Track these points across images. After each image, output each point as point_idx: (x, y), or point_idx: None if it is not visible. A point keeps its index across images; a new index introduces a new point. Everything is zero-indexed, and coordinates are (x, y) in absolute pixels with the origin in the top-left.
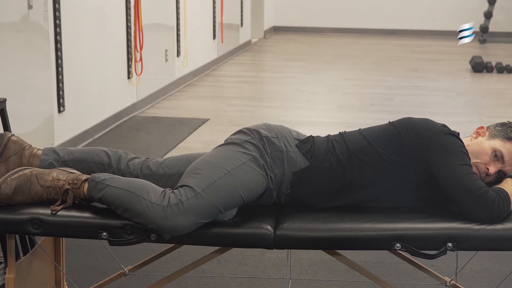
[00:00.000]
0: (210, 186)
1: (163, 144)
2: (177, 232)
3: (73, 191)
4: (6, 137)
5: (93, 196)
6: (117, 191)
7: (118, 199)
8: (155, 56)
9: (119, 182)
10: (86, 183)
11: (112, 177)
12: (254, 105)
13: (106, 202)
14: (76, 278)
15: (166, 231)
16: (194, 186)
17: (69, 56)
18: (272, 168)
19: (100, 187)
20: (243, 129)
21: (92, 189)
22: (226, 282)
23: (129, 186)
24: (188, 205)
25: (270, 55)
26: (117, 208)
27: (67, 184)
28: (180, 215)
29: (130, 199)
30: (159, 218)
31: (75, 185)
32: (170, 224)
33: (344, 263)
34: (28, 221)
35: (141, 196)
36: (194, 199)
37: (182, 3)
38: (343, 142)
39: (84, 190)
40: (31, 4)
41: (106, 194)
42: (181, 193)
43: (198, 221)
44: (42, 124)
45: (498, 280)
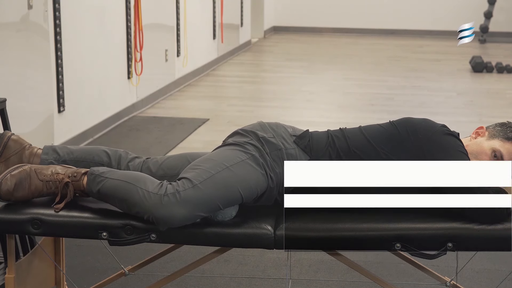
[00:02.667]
0: (208, 179)
1: (163, 144)
2: (172, 222)
3: (73, 183)
4: (6, 136)
5: (91, 189)
6: (115, 182)
7: (116, 190)
8: (155, 56)
9: (117, 175)
10: (85, 176)
11: (111, 170)
12: (254, 105)
13: (104, 195)
14: (76, 278)
15: (162, 220)
16: (192, 178)
17: (69, 56)
18: (273, 168)
19: (99, 180)
20: (238, 131)
21: (91, 182)
22: (226, 282)
23: (126, 178)
24: (184, 195)
25: (270, 55)
26: (114, 200)
27: (67, 177)
28: (177, 204)
29: (128, 189)
30: (155, 207)
31: (75, 178)
32: (166, 213)
33: (344, 263)
34: (28, 221)
35: (138, 186)
36: (191, 190)
37: (182, 3)
38: (343, 138)
39: (83, 183)
40: (31, 4)
41: (104, 186)
42: (179, 184)
43: (195, 214)
44: (42, 124)
45: (498, 280)
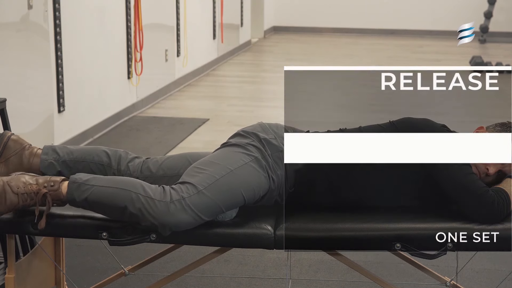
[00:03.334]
0: (212, 184)
1: (163, 144)
2: (178, 228)
3: (50, 193)
4: (6, 136)
5: (74, 198)
6: (107, 190)
7: (109, 198)
8: (155, 56)
9: (105, 181)
10: (63, 183)
11: (95, 177)
12: (254, 105)
13: (92, 203)
14: (76, 278)
15: (167, 227)
16: (196, 183)
17: (69, 56)
18: (275, 169)
19: (84, 188)
20: (240, 132)
21: (74, 191)
22: (226, 282)
23: (119, 184)
24: (190, 201)
25: (270, 55)
26: (105, 208)
27: (42, 187)
28: (183, 211)
29: (125, 196)
30: (162, 214)
31: (52, 187)
32: (173, 220)
33: (344, 263)
34: (28, 221)
35: (138, 193)
36: (196, 196)
37: (182, 3)
38: None
39: (62, 192)
40: (31, 4)
41: (93, 194)
42: (183, 190)
43: (200, 219)
44: (42, 124)
45: (498, 280)
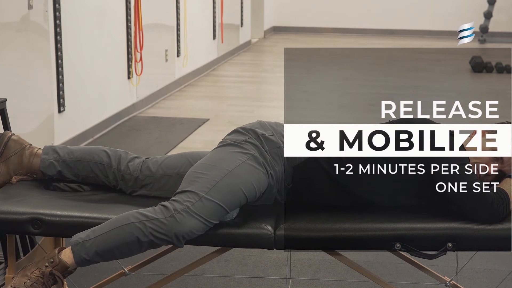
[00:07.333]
0: (213, 188)
1: (163, 144)
2: (192, 235)
3: (55, 269)
4: (6, 136)
5: (85, 258)
6: (110, 234)
7: (117, 239)
8: (155, 56)
9: (104, 228)
10: (61, 253)
11: (92, 229)
12: (254, 105)
13: (104, 252)
14: (76, 278)
15: (181, 237)
16: (197, 190)
17: (69, 56)
18: (273, 166)
19: (88, 244)
20: (238, 129)
21: (81, 252)
22: (226, 282)
23: (118, 222)
24: (195, 208)
25: (270, 55)
26: (120, 250)
27: (44, 267)
28: (191, 218)
29: (131, 230)
30: (173, 227)
31: (53, 263)
32: (184, 229)
33: (344, 263)
34: (28, 221)
35: (141, 221)
36: (199, 203)
37: (182, 3)
38: None
39: (66, 260)
40: (31, 4)
41: (100, 244)
42: (185, 199)
43: (209, 223)
44: (42, 124)
45: (498, 280)
